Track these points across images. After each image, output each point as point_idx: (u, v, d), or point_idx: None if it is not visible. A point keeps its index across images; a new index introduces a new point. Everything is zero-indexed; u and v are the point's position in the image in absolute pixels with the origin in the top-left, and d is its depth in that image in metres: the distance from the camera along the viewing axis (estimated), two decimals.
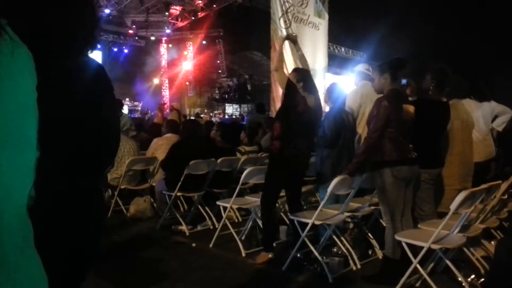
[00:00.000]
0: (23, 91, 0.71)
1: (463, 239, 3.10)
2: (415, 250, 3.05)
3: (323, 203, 3.56)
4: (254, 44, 23.94)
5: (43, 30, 1.16)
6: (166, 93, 24.73)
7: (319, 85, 10.97)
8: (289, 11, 10.03)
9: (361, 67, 4.85)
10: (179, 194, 4.85)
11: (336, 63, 21.80)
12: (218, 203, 4.43)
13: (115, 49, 22.66)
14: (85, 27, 1.32)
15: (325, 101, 4.30)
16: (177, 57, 25.19)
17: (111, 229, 4.69)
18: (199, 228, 4.87)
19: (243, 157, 5.32)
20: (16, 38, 0.71)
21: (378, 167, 3.31)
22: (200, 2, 20.31)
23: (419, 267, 3.05)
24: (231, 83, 27.10)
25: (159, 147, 5.55)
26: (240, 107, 27.16)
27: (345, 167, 3.75)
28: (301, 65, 4.18)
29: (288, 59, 8.80)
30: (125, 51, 22.98)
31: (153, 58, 24.22)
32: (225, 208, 4.30)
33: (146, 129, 8.17)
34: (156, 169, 5.44)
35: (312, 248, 3.56)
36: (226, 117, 24.32)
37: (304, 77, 3.85)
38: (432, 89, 3.66)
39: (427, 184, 3.63)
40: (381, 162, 3.29)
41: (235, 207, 4.49)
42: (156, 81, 24.87)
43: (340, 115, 4.12)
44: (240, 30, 22.37)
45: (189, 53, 25.16)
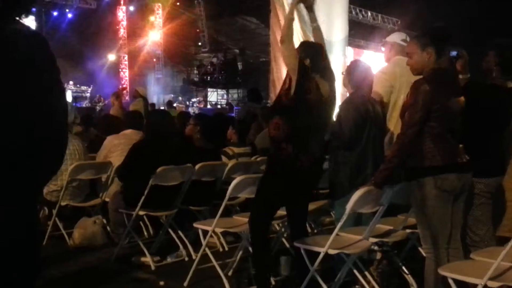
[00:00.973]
0: None
1: None
2: None
3: (339, 225, 3.56)
4: (247, 6, 23.97)
5: None
6: (125, 74, 24.69)
7: (337, 62, 11.04)
8: None
9: (395, 37, 4.87)
10: (142, 213, 4.84)
11: (360, 33, 21.91)
12: (196, 226, 4.41)
13: (55, 14, 22.63)
14: None
15: (344, 85, 4.31)
16: (141, 25, 25.16)
17: (47, 262, 4.62)
18: (170, 260, 4.86)
19: (231, 162, 5.32)
20: None
21: (416, 175, 3.32)
22: None
23: None
24: (215, 60, 27.12)
25: (115, 149, 5.53)
26: (227, 93, 27.24)
27: (370, 175, 3.75)
28: (314, 40, 4.17)
29: (296, 31, 8.81)
30: (69, 16, 22.94)
31: (108, 26, 24.17)
32: (206, 232, 4.28)
33: (97, 124, 8.16)
34: (110, 179, 5.43)
35: (324, 286, 3.55)
36: (208, 107, 24.35)
37: (313, 52, 3.85)
38: (495, 70, 3.68)
39: (483, 198, 3.65)
40: (420, 168, 3.30)
41: (219, 231, 4.48)
42: (111, 57, 24.83)
43: (363, 104, 4.13)
44: None
45: (158, 18, 25.15)
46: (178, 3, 24.68)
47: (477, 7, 18.82)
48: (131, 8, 24.75)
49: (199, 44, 27.43)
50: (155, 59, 25.66)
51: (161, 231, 5.13)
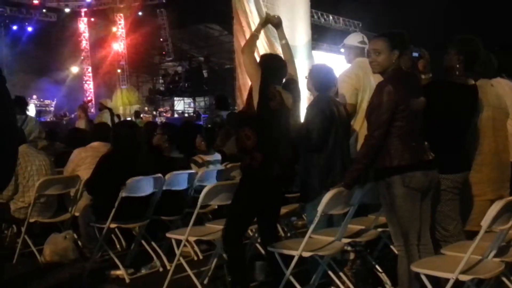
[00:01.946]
0: None
1: (500, 265, 3.17)
2: (439, 283, 3.09)
3: (312, 227, 3.58)
4: (210, 13, 23.93)
5: None
6: (90, 86, 24.42)
7: (302, 66, 11.09)
8: None
9: (353, 40, 4.91)
10: (114, 225, 4.79)
11: (328, 37, 22.06)
12: (168, 236, 4.39)
13: (14, 28, 22.22)
14: None
15: (308, 88, 4.34)
16: (103, 36, 24.91)
17: (18, 280, 4.58)
18: (144, 272, 4.82)
19: (201, 170, 5.30)
20: None
21: (384, 175, 3.36)
22: None
23: None
24: (180, 69, 27.00)
25: (82, 162, 5.46)
26: (194, 101, 27.09)
27: (339, 176, 3.78)
28: (284, 57, 4.22)
29: (260, 47, 8.85)
30: (29, 29, 22.57)
31: (69, 38, 23.86)
32: (179, 242, 4.26)
33: (63, 138, 8.03)
34: (79, 193, 5.36)
35: None
36: (175, 116, 24.21)
37: (270, 63, 3.92)
38: (458, 68, 3.75)
39: (450, 194, 3.70)
40: (388, 168, 3.34)
41: (192, 239, 4.46)
42: (74, 69, 24.54)
43: (328, 107, 4.16)
44: None
45: (120, 29, 24.93)
46: (140, 13, 24.50)
47: (435, 7, 19.22)
48: (92, 19, 24.48)
49: (163, 53, 27.26)
50: (119, 70, 25.41)
51: (134, 243, 5.08)
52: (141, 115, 19.55)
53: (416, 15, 18.35)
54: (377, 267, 4.11)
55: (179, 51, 27.48)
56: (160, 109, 24.89)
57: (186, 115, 24.87)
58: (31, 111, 17.23)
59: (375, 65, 3.46)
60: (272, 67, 3.90)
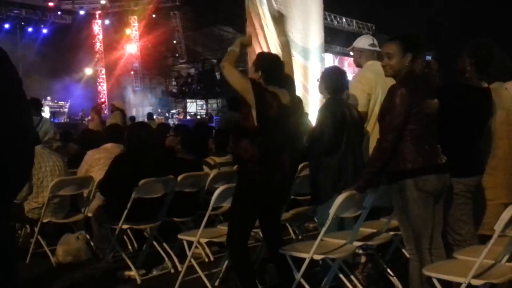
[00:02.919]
0: None
1: None
2: None
3: (323, 230, 3.58)
4: (223, 16, 24.00)
5: None
6: (103, 87, 24.59)
7: (315, 69, 11.09)
8: None
9: (363, 43, 4.88)
10: (126, 226, 4.82)
11: (340, 40, 22.01)
12: (180, 237, 4.40)
13: (30, 29, 22.42)
14: None
15: (320, 91, 4.34)
16: (117, 38, 25.07)
17: (31, 280, 4.60)
18: (155, 273, 4.83)
19: (213, 172, 5.31)
20: None
21: (397, 178, 3.35)
22: None
23: None
24: (193, 71, 27.05)
25: (96, 163, 5.49)
26: (207, 103, 27.14)
27: (351, 179, 3.77)
28: (282, 54, 4.13)
29: (272, 46, 8.85)
30: (44, 31, 22.77)
31: (84, 40, 24.05)
32: (191, 243, 4.27)
33: (76, 139, 8.09)
34: (92, 194, 5.39)
35: None
36: (188, 117, 24.28)
37: (266, 64, 3.78)
38: (469, 70, 3.74)
39: (463, 198, 3.68)
40: (401, 171, 3.33)
41: (204, 241, 4.47)
42: (88, 71, 24.71)
43: (340, 109, 4.16)
44: None
45: (134, 31, 25.11)
46: (154, 15, 24.62)
47: (450, 10, 19.12)
48: (106, 21, 24.64)
49: (177, 55, 27.38)
50: (132, 72, 25.58)
51: (146, 244, 5.10)
52: (154, 117, 19.66)
53: (431, 17, 18.26)
54: (389, 270, 4.10)
55: (192, 53, 27.58)
56: (172, 111, 25.00)
57: (198, 117, 24.93)
58: (46, 112, 17.40)
59: (388, 69, 3.46)
60: (270, 68, 3.76)
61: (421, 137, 3.33)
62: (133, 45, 25.17)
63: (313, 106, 10.26)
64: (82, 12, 23.47)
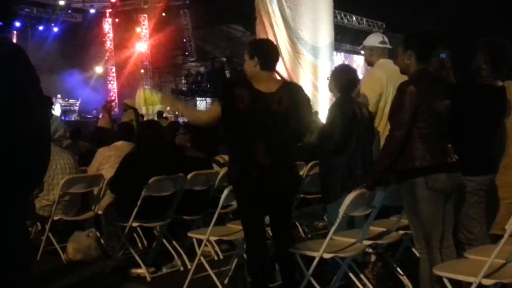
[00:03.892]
0: None
1: None
2: (461, 287, 3.06)
3: (333, 229, 3.57)
4: (233, 14, 24.01)
5: None
6: (113, 85, 24.66)
7: (325, 67, 11.07)
8: None
9: (373, 41, 4.86)
10: (136, 224, 4.83)
11: (349, 38, 21.95)
12: (190, 235, 4.41)
13: (41, 28, 22.54)
14: None
15: (330, 90, 4.33)
16: (127, 36, 25.13)
17: (42, 277, 4.62)
18: (165, 270, 4.85)
19: (223, 170, 5.31)
20: None
21: (407, 176, 3.34)
22: None
23: None
24: (202, 69, 27.10)
25: (106, 161, 5.52)
26: None
27: (361, 178, 3.76)
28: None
29: (283, 47, 8.84)
30: (55, 30, 22.87)
31: (94, 38, 24.14)
32: (200, 241, 4.28)
33: (86, 136, 8.13)
34: (102, 192, 5.42)
35: None
36: None
37: (261, 50, 3.67)
38: (485, 69, 3.72)
39: (476, 196, 3.65)
40: (410, 169, 3.31)
41: (213, 239, 4.48)
42: (99, 69, 24.79)
43: (350, 108, 4.15)
44: None
45: (144, 29, 25.15)
46: (164, 14, 24.67)
47: (461, 8, 18.98)
48: (116, 20, 24.73)
49: (186, 53, 27.42)
50: (142, 70, 25.63)
51: (155, 241, 5.11)
52: (165, 115, 19.70)
53: (443, 15, 18.13)
54: (399, 269, 4.08)
55: (202, 51, 27.61)
56: None
57: None
58: (56, 110, 17.48)
59: (398, 67, 3.47)
60: (265, 53, 3.66)
61: (431, 135, 3.31)
62: (143, 44, 25.22)
63: (323, 104, 10.28)
64: (92, 10, 23.55)
